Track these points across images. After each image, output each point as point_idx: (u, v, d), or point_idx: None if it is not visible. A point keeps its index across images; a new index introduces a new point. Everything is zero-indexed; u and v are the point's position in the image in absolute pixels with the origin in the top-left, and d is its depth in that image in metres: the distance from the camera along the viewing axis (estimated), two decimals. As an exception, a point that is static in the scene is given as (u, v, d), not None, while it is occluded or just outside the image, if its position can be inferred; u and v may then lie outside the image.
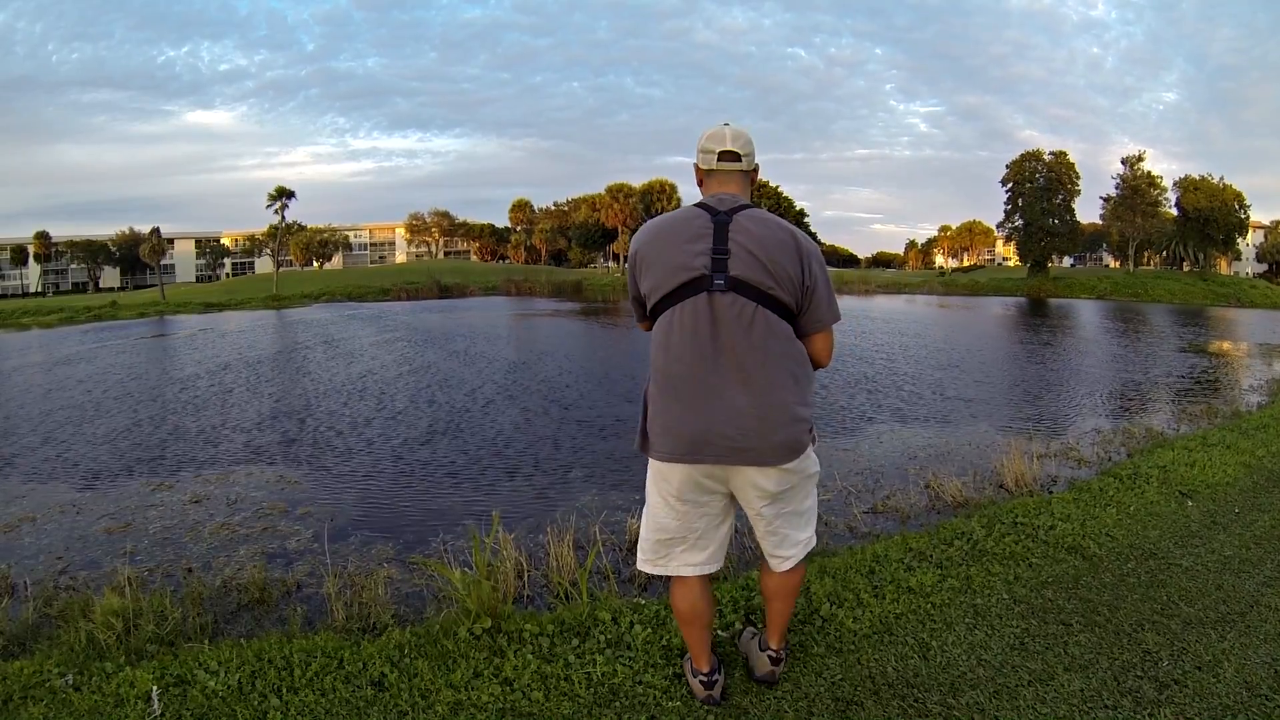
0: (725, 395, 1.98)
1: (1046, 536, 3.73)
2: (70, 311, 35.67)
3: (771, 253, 1.99)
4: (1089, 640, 2.70)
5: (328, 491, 6.06)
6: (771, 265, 1.98)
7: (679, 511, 2.15)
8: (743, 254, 1.98)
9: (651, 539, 2.24)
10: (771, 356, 2.00)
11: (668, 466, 2.10)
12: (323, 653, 2.70)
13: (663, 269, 2.03)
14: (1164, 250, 55.76)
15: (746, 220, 2.02)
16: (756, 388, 1.98)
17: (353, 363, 14.43)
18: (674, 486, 2.11)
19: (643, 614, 2.91)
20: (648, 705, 2.36)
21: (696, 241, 2.01)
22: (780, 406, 2.01)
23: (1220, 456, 5.32)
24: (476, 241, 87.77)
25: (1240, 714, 2.26)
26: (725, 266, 1.98)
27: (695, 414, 2.00)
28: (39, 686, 2.55)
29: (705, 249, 2.00)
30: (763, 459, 2.02)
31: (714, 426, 1.99)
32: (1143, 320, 25.89)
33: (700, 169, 2.16)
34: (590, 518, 4.86)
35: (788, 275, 2.00)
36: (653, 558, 2.25)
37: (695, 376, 1.99)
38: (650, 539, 2.25)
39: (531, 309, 31.50)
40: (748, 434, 1.99)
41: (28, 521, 5.40)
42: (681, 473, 2.08)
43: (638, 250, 2.11)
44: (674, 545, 2.21)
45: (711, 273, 1.97)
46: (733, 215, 2.02)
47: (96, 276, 76.62)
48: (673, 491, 2.12)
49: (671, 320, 2.02)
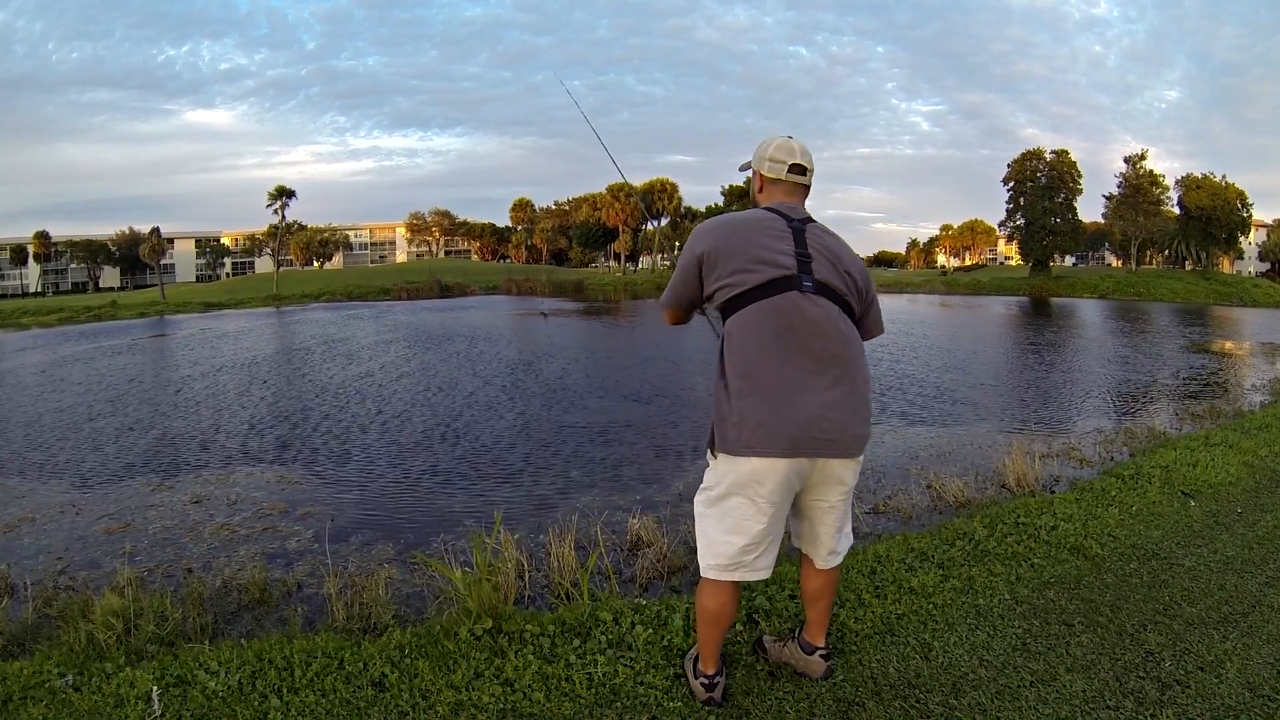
0: (819, 390, 2.01)
1: (1049, 537, 3.72)
2: (70, 311, 35.70)
3: (846, 264, 2.12)
4: (1091, 641, 2.69)
5: (328, 492, 6.06)
6: (845, 275, 2.11)
7: (769, 514, 2.07)
8: (822, 260, 2.09)
9: (736, 545, 2.10)
10: (856, 354, 2.09)
11: (764, 465, 2.01)
12: (323, 653, 2.69)
13: (745, 263, 2.04)
14: (1166, 249, 55.72)
15: (819, 231, 2.14)
16: (847, 383, 2.05)
17: (352, 363, 14.43)
18: (768, 487, 2.03)
19: (644, 614, 2.90)
20: (649, 706, 2.35)
21: (779, 240, 2.07)
22: (864, 400, 2.10)
23: (1223, 456, 5.31)
24: (477, 241, 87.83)
25: (1243, 715, 2.25)
26: (810, 269, 2.06)
27: (793, 409, 1.99)
28: (39, 687, 2.54)
29: (789, 250, 2.06)
30: (847, 450, 2.07)
31: (812, 421, 1.99)
32: (1145, 319, 25.85)
33: (765, 177, 2.21)
34: (591, 518, 4.86)
35: (857, 287, 2.15)
36: (731, 565, 2.13)
37: (790, 372, 2.00)
38: (734, 545, 2.11)
39: (532, 308, 31.49)
40: (839, 427, 2.03)
41: (27, 521, 5.40)
42: (779, 470, 2.01)
43: (712, 243, 2.09)
44: (756, 550, 2.11)
45: (799, 273, 2.04)
46: (805, 225, 2.13)
47: (96, 276, 76.71)
48: (764, 493, 2.04)
49: (760, 316, 2.02)
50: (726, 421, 2.03)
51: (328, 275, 60.12)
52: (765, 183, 2.22)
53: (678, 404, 9.67)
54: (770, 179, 2.21)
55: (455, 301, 38.39)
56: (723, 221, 2.14)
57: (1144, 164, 51.08)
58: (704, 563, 2.19)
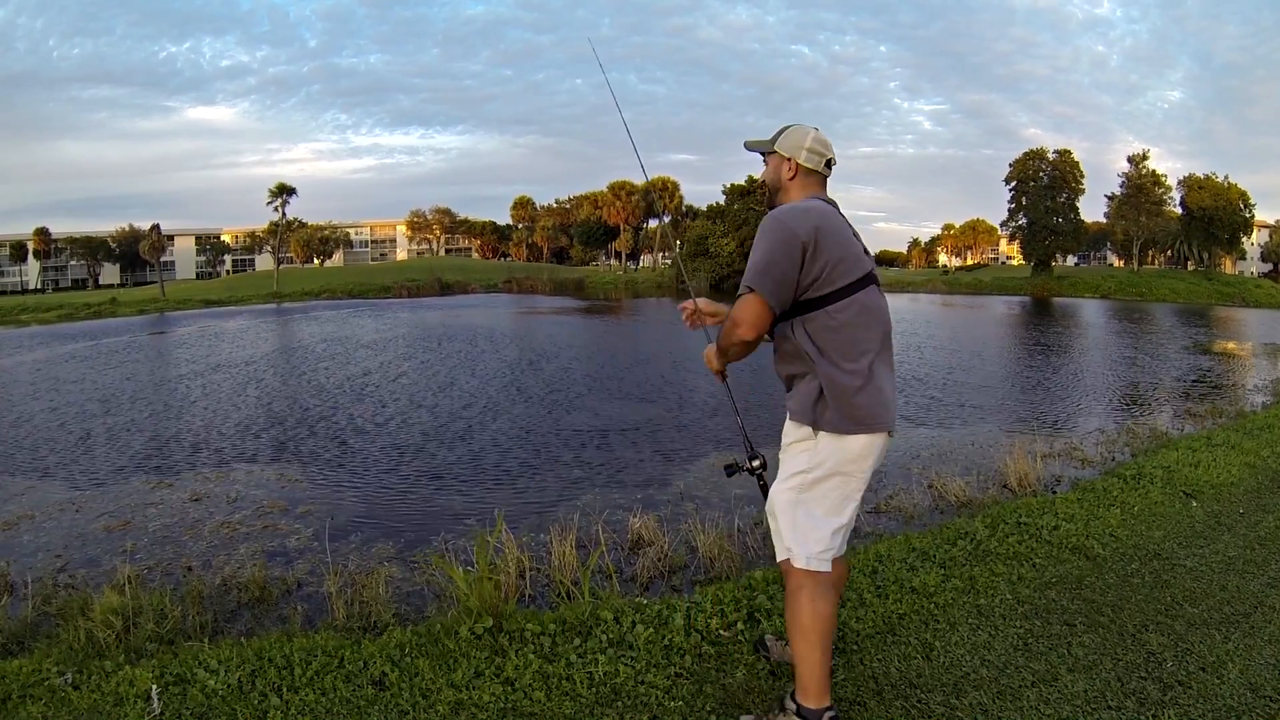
0: (890, 374, 2.16)
1: (1050, 537, 3.71)
2: (69, 308, 35.72)
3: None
4: (1093, 641, 2.69)
5: (328, 490, 6.05)
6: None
7: (860, 492, 2.14)
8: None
9: (833, 527, 2.10)
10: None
11: (870, 441, 2.08)
12: (323, 651, 2.69)
13: (846, 255, 2.07)
14: (1168, 249, 55.67)
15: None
16: (892, 367, 2.20)
17: (352, 361, 14.42)
18: (869, 462, 2.11)
19: (645, 614, 2.89)
20: (650, 705, 2.34)
21: (855, 234, 2.15)
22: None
23: (1225, 457, 5.30)
24: (478, 239, 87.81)
25: (1245, 716, 2.25)
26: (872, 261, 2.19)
27: (885, 389, 2.11)
28: (38, 685, 2.54)
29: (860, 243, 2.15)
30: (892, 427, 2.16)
31: (891, 399, 2.13)
32: (1147, 320, 25.84)
33: (801, 166, 2.20)
34: (593, 517, 4.85)
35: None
36: (828, 550, 2.10)
37: (883, 357, 2.13)
38: (831, 527, 2.09)
39: (533, 307, 31.48)
40: (896, 405, 2.19)
41: (26, 519, 5.40)
42: (878, 446, 2.11)
43: (818, 232, 2.02)
44: (843, 532, 2.14)
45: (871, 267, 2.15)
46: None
47: (96, 273, 76.64)
48: (864, 469, 2.11)
49: (863, 304, 2.08)
50: (838, 401, 2.05)
51: (328, 273, 60.14)
52: (800, 172, 2.21)
53: (679, 404, 9.66)
54: (806, 169, 2.20)
55: (456, 299, 38.40)
56: (815, 211, 2.07)
57: (1146, 164, 51.08)
58: (804, 553, 2.09)
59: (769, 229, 2.03)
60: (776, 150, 2.23)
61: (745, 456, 2.36)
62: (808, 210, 2.06)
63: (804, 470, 2.12)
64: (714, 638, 2.71)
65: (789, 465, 2.17)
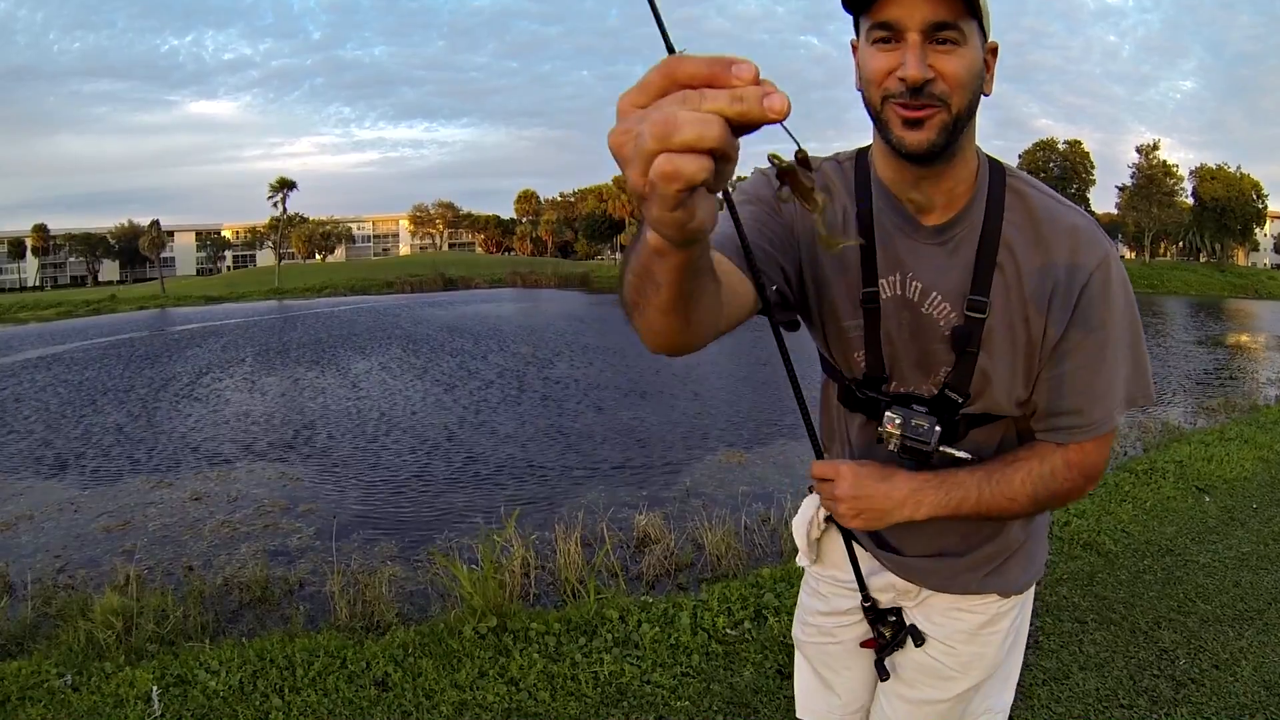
0: None
1: (1061, 532, 3.67)
2: (68, 305, 35.77)
3: None
4: (1104, 638, 2.66)
5: (330, 488, 6.03)
6: None
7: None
8: None
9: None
10: None
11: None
12: (325, 652, 2.67)
13: None
14: (1180, 241, 55.32)
15: None
16: None
17: (353, 360, 14.41)
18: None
19: (651, 612, 2.86)
20: (655, 705, 2.32)
21: None
22: None
23: (1238, 451, 5.25)
24: (482, 233, 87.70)
25: (1259, 713, 2.22)
26: None
27: None
28: (37, 687, 2.52)
29: None
30: None
31: None
32: (1159, 313, 25.69)
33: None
34: (598, 515, 4.82)
35: None
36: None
37: None
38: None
39: (538, 302, 31.47)
40: None
41: (25, 519, 5.38)
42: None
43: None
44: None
45: None
46: None
47: (95, 270, 76.60)
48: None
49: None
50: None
51: (330, 268, 60.10)
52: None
53: (687, 401, 9.63)
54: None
55: (459, 294, 38.38)
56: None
57: (1157, 154, 50.63)
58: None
59: (1126, 283, 1.03)
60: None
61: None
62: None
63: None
64: (721, 636, 2.68)
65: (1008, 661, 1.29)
